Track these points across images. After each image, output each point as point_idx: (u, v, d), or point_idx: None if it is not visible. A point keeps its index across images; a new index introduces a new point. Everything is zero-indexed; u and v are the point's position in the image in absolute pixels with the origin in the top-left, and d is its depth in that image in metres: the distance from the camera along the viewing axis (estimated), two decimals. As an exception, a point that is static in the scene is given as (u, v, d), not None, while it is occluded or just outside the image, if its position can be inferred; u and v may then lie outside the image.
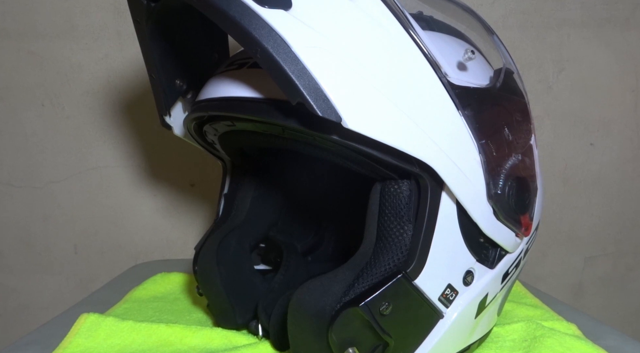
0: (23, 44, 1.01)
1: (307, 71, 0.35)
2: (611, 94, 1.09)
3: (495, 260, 0.47)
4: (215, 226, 0.60)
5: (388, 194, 0.44)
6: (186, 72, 0.54)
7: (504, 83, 0.47)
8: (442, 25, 0.49)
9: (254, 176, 0.62)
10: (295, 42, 0.35)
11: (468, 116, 0.42)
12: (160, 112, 0.55)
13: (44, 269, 1.09)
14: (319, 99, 0.35)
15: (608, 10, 1.05)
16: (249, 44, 0.35)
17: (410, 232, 0.43)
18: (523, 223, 0.47)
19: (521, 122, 0.48)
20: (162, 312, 0.66)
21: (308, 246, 0.69)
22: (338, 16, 0.38)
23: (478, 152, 0.43)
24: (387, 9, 0.39)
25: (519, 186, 0.46)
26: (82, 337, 0.55)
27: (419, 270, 0.42)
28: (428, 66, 0.40)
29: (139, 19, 0.46)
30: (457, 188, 0.42)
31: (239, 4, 0.35)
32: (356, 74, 0.37)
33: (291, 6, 0.36)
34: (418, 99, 0.40)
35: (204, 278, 0.56)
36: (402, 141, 0.39)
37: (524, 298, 0.71)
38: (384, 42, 0.39)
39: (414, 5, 0.49)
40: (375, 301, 0.41)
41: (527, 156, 0.48)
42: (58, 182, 1.06)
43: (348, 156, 0.42)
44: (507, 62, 0.50)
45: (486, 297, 0.47)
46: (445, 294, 0.44)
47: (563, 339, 0.52)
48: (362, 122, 0.37)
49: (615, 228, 1.15)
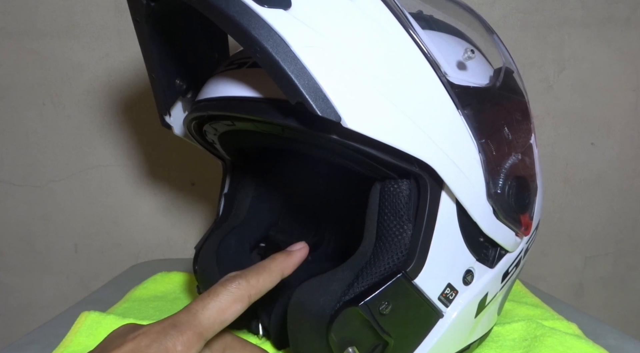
0: (24, 43, 1.01)
1: (306, 71, 0.35)
2: (612, 94, 1.09)
3: (495, 259, 0.47)
4: (216, 225, 0.60)
5: (387, 193, 0.44)
6: (186, 72, 0.54)
7: (503, 82, 0.47)
8: (442, 24, 0.49)
9: (254, 175, 0.62)
10: (295, 41, 0.35)
11: (468, 115, 0.42)
12: (160, 112, 0.55)
13: (45, 268, 1.09)
14: (319, 99, 0.35)
15: (609, 10, 1.05)
16: (249, 43, 0.35)
17: (409, 231, 0.43)
18: (523, 222, 0.47)
19: (521, 122, 0.48)
20: (163, 311, 0.66)
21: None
22: (337, 16, 0.38)
23: (478, 151, 0.42)
24: (387, 8, 0.39)
25: (518, 185, 0.45)
26: (83, 335, 0.55)
27: (418, 269, 0.42)
28: (427, 66, 0.40)
29: (138, 19, 0.46)
30: (457, 188, 0.41)
31: (238, 4, 0.35)
32: (355, 74, 0.37)
33: (290, 6, 0.36)
34: (417, 99, 0.39)
35: (204, 277, 0.56)
36: (401, 140, 0.38)
37: (524, 297, 0.70)
38: (384, 42, 0.39)
39: (414, 5, 0.49)
40: (374, 301, 0.41)
41: (527, 156, 0.48)
42: (58, 181, 1.06)
43: (348, 155, 0.42)
44: (507, 61, 0.50)
45: (486, 296, 0.47)
46: (445, 293, 0.44)
47: (563, 338, 0.52)
48: (362, 122, 0.37)
49: (616, 227, 1.15)
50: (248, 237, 0.60)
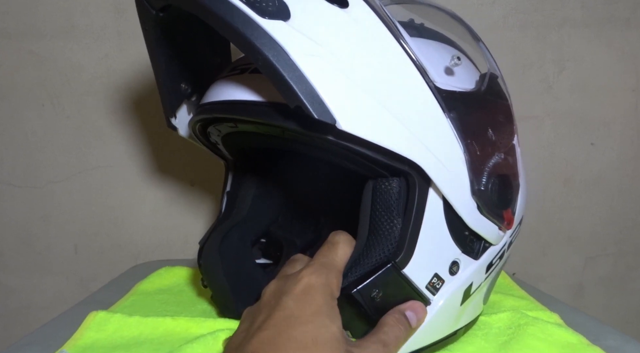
0: (23, 44, 1.04)
1: (304, 78, 0.40)
2: (612, 94, 1.12)
3: (479, 251, 0.53)
4: (218, 222, 0.66)
5: (379, 190, 0.49)
6: (191, 76, 0.59)
7: (488, 87, 0.53)
8: (432, 32, 0.55)
9: (255, 174, 0.68)
10: (294, 50, 0.40)
11: (453, 118, 0.47)
12: (167, 115, 0.60)
13: (44, 269, 1.13)
14: (315, 103, 0.40)
15: (609, 10, 1.09)
16: (251, 52, 0.40)
17: (399, 225, 0.48)
18: (505, 217, 0.53)
19: (504, 124, 0.54)
20: (168, 303, 0.72)
21: (307, 241, 0.75)
22: (333, 26, 0.43)
23: (463, 151, 0.48)
24: (379, 19, 0.45)
25: (501, 183, 0.51)
26: (92, 330, 0.61)
27: (407, 260, 0.48)
28: (416, 72, 0.46)
29: (147, 28, 0.51)
30: (443, 185, 0.47)
31: (242, 16, 0.40)
32: (350, 80, 0.42)
33: (290, 17, 0.41)
34: (407, 103, 0.45)
35: (208, 271, 0.62)
36: (391, 141, 0.44)
37: (511, 290, 0.77)
38: (376, 51, 0.44)
39: (406, 14, 0.55)
40: (367, 289, 0.47)
41: (510, 155, 0.53)
42: (58, 182, 1.10)
43: (342, 155, 0.47)
44: (492, 67, 0.56)
45: (471, 286, 0.53)
46: (432, 282, 0.50)
47: (545, 327, 0.58)
48: (355, 124, 0.42)
49: (616, 227, 1.18)
50: (249, 233, 0.66)
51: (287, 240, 0.71)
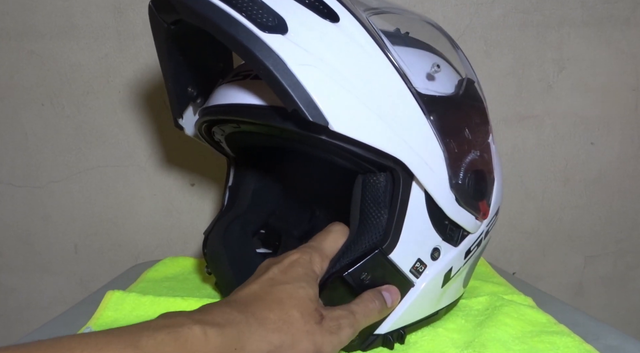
0: (23, 44, 1.10)
1: (300, 85, 0.47)
2: (612, 93, 1.19)
3: (458, 239, 0.63)
4: (222, 214, 0.76)
5: (368, 184, 0.59)
6: (196, 81, 0.69)
7: (465, 91, 0.63)
8: (416, 41, 0.65)
9: (255, 170, 0.79)
10: (291, 60, 0.47)
11: (433, 120, 0.57)
12: (175, 116, 0.71)
13: (44, 269, 1.20)
14: (310, 107, 0.48)
15: (608, 9, 1.16)
16: (253, 62, 0.47)
17: (386, 216, 0.58)
18: (481, 208, 0.63)
19: (480, 124, 0.64)
20: (175, 289, 0.83)
21: (303, 231, 0.87)
22: (326, 39, 0.50)
23: (442, 149, 0.58)
24: (366, 31, 0.54)
25: (477, 177, 0.62)
26: (110, 309, 0.72)
27: (392, 246, 0.58)
28: (399, 79, 0.55)
29: (159, 39, 0.61)
30: (425, 179, 0.56)
31: (245, 30, 0.47)
32: (340, 87, 0.50)
33: (287, 31, 0.49)
34: (392, 107, 0.54)
35: (212, 258, 0.73)
36: (378, 140, 0.52)
37: (492, 277, 0.89)
38: (363, 60, 0.52)
39: (393, 23, 0.65)
40: (356, 272, 0.57)
41: (485, 153, 0.64)
42: (58, 182, 1.17)
43: (335, 152, 0.56)
44: (469, 73, 0.67)
45: (451, 270, 0.64)
46: (415, 267, 0.60)
47: (518, 308, 0.70)
48: (345, 125, 0.50)
49: (616, 227, 1.26)
50: (250, 224, 0.77)
51: (285, 231, 0.83)
